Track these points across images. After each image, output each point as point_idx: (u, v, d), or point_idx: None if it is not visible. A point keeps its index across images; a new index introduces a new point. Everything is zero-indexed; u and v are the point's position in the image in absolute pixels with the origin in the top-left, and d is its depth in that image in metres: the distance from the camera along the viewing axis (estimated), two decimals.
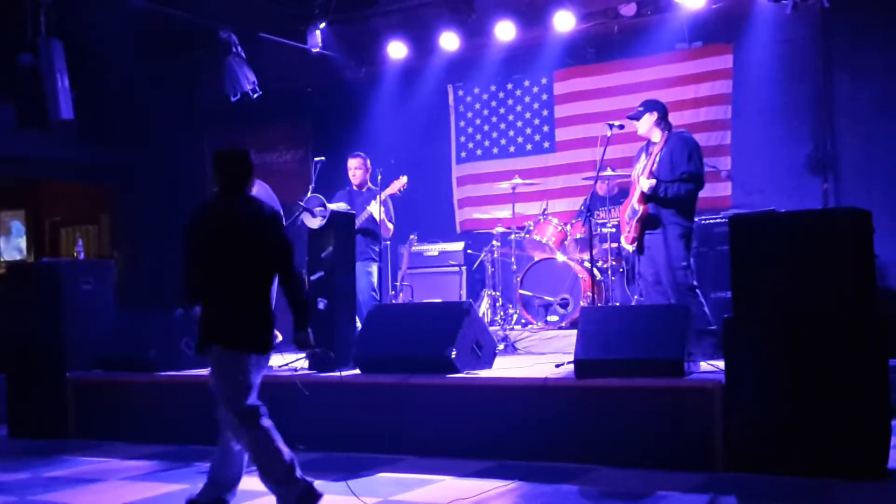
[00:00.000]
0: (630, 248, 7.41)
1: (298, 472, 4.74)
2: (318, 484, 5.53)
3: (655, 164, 7.14)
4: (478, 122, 11.15)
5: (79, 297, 8.13)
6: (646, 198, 7.14)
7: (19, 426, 8.08)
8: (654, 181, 7.07)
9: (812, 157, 9.26)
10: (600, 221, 8.76)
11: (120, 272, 11.20)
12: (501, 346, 8.28)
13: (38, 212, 13.95)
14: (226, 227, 4.81)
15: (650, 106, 7.33)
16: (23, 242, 13.80)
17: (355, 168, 8.93)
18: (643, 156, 7.38)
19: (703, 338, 6.69)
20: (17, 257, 13.59)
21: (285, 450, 4.76)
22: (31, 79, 8.55)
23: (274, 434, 4.77)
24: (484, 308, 9.46)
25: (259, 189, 8.59)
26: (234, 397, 4.74)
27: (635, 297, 7.72)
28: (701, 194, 7.33)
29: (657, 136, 7.29)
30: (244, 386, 4.75)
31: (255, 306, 4.83)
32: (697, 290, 7.17)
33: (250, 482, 5.64)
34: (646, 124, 7.31)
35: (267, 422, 4.78)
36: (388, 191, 8.73)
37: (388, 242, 9.21)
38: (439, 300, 9.21)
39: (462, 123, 11.26)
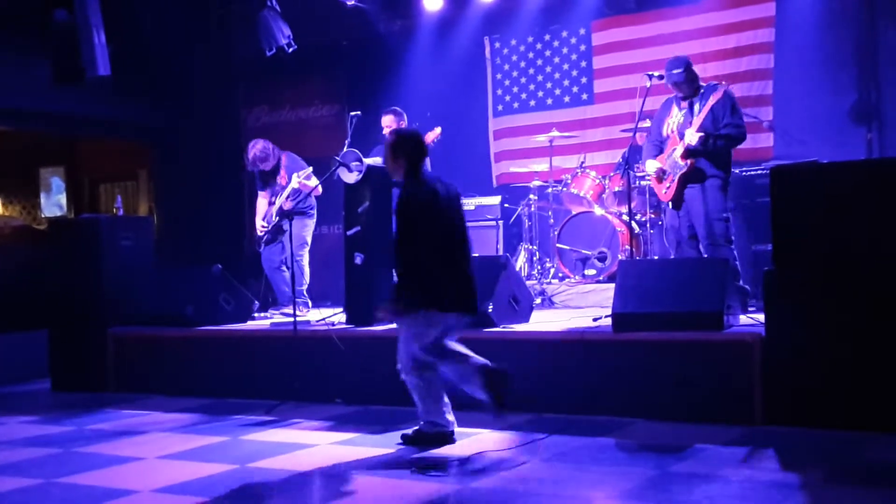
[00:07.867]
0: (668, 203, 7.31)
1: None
2: (357, 437, 5.59)
3: (700, 118, 7.00)
4: (515, 74, 11.00)
5: (118, 253, 8.20)
6: (690, 152, 7.02)
7: (61, 380, 8.22)
8: (702, 134, 6.93)
9: (856, 106, 9.05)
10: (639, 174, 8.64)
11: (158, 228, 11.28)
12: (538, 301, 8.25)
13: (77, 168, 14.01)
14: None
15: (685, 61, 7.15)
16: (63, 199, 13.91)
17: (389, 126, 8.81)
18: (675, 109, 7.24)
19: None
20: (58, 214, 13.72)
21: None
22: (67, 34, 8.54)
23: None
24: (521, 262, 9.41)
25: (286, 160, 8.61)
26: None
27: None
28: (742, 146, 7.23)
29: (692, 90, 7.16)
30: None
31: None
32: (733, 244, 7.10)
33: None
34: (690, 82, 7.16)
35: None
36: None
37: None
38: (476, 254, 9.14)
39: (499, 76, 11.12)
